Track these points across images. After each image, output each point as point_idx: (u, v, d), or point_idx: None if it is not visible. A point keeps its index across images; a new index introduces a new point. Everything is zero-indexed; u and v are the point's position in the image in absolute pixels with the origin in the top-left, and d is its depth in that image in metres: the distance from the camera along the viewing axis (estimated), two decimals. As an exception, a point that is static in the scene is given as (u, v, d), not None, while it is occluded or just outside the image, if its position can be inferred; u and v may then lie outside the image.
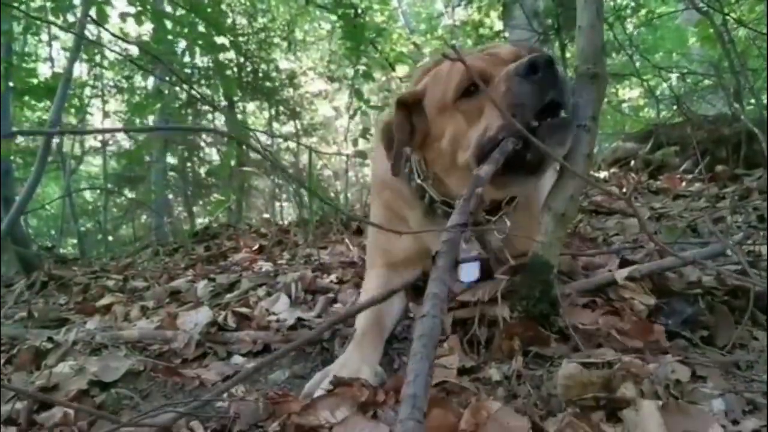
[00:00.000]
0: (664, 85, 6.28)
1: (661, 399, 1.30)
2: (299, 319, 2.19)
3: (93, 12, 4.39)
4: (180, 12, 5.09)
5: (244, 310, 2.30)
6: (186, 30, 5.12)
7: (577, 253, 2.16)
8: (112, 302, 2.66)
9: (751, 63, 5.07)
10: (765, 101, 4.72)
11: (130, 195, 9.80)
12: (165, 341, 2.13)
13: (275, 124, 11.63)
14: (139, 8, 4.90)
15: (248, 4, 10.08)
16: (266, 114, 11.31)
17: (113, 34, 4.73)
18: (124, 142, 9.86)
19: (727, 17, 4.18)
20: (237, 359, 2.01)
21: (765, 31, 4.58)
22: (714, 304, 1.76)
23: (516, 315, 1.74)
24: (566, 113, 1.64)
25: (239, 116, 10.31)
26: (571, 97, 1.68)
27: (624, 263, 2.09)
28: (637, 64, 6.16)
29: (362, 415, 1.37)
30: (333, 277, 2.76)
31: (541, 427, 1.28)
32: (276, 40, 10.40)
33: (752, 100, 4.44)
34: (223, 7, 9.08)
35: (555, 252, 1.76)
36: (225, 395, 1.58)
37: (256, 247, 3.90)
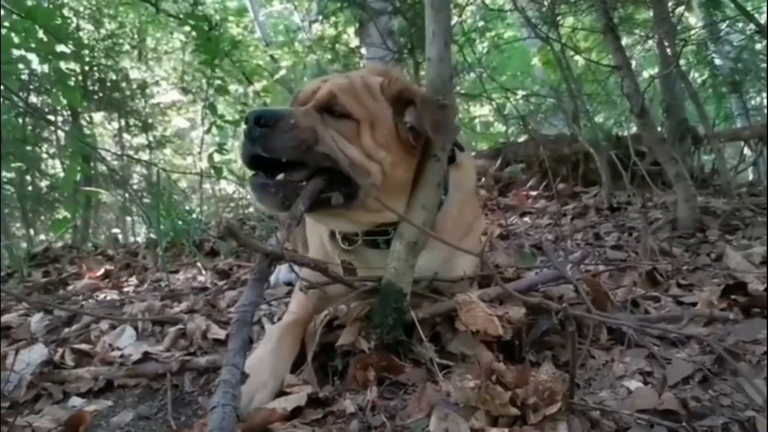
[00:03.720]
0: (511, 104, 6.62)
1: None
2: (146, 353, 2.07)
3: None
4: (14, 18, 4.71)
5: (84, 346, 2.14)
6: (22, 37, 4.75)
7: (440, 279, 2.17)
8: (-72, 341, 2.38)
9: (587, 88, 5.47)
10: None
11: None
12: (-9, 384, 1.93)
13: (126, 136, 11.08)
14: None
15: (95, 9, 9.54)
16: (115, 125, 10.75)
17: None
18: (-49, 152, 8.96)
19: (565, 46, 4.47)
20: (75, 401, 1.86)
21: (596, 59, 4.96)
22: (565, 322, 1.83)
23: (371, 344, 1.74)
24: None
25: (85, 128, 9.69)
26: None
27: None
28: (486, 84, 6.44)
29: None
30: (183, 305, 2.64)
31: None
32: (125, 48, 9.91)
33: (588, 123, 4.79)
34: (66, 11, 8.54)
35: (407, 279, 1.78)
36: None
37: (101, 272, 3.67)
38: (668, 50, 4.42)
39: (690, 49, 5.51)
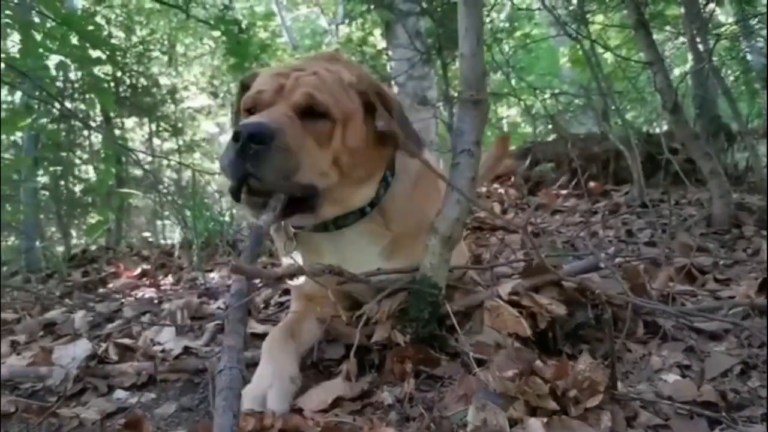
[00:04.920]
0: (539, 104, 6.59)
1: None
2: (186, 348, 2.12)
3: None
4: (50, 24, 4.82)
5: (126, 340, 2.19)
6: (57, 43, 4.85)
7: (470, 267, 2.20)
8: (-23, 338, 2.46)
9: (617, 85, 5.44)
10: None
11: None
12: (39, 378, 1.98)
13: (156, 141, 11.23)
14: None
15: (126, 16, 9.70)
16: (146, 130, 10.90)
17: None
18: (-12, 158, 9.14)
19: (595, 43, 4.45)
20: (119, 393, 1.91)
21: (625, 55, 4.93)
22: (601, 315, 1.82)
23: (407, 337, 1.76)
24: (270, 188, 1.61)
25: (117, 132, 9.85)
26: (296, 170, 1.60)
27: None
28: (513, 83, 6.42)
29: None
30: (220, 302, 2.69)
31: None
32: (156, 54, 10.06)
33: (618, 120, 4.76)
34: (99, 19, 8.69)
35: (442, 273, 1.80)
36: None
37: (138, 271, 3.74)
38: (700, 47, 4.38)
39: (722, 45, 5.45)
